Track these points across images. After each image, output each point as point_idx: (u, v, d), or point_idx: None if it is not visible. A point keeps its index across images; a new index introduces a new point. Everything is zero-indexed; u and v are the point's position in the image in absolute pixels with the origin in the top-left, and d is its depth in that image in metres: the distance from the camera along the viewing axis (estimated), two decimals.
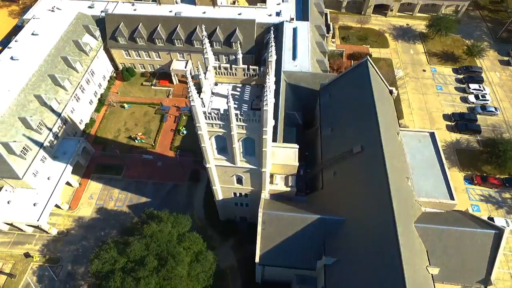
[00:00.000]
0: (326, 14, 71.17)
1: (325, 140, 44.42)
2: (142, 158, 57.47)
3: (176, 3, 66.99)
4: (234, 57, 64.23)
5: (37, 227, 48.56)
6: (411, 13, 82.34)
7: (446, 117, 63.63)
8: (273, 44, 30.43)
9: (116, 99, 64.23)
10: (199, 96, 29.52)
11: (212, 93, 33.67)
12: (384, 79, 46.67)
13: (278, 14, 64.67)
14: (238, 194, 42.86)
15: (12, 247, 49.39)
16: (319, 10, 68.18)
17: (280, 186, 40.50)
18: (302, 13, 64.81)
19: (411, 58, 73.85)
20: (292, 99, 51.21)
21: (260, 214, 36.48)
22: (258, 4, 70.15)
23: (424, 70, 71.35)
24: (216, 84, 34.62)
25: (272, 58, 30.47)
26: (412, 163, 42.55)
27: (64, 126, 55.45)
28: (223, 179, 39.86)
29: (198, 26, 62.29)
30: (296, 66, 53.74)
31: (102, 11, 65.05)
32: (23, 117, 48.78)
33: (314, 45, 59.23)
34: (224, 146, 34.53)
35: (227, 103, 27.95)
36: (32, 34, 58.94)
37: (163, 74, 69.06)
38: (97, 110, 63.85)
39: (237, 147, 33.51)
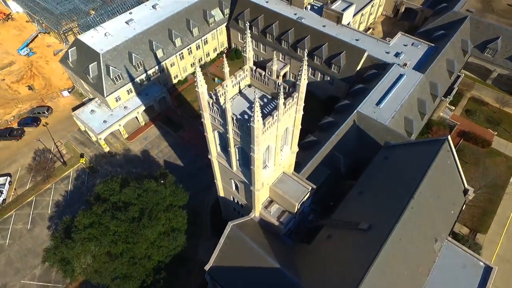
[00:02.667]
0: (458, 77, 59.86)
1: (348, 200, 38.51)
2: (200, 128, 61.48)
3: (306, 8, 67.22)
4: (330, 78, 61.14)
5: (97, 139, 58.08)
6: None
7: None
8: (304, 72, 27.64)
9: (212, 71, 69.88)
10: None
11: (240, 92, 33.16)
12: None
13: (397, 54, 57.82)
14: (235, 200, 41.66)
15: (78, 145, 60.73)
16: (448, 69, 57.85)
17: (270, 216, 37.41)
18: (424, 64, 56.18)
19: None
20: (347, 141, 45.87)
21: (228, 227, 34.75)
22: (387, 38, 64.15)
23: None
24: (249, 86, 33.87)
25: (302, 82, 27.86)
26: (433, 283, 32.92)
27: (159, 74, 63.71)
28: (224, 178, 39.30)
29: (309, 36, 61.38)
30: (375, 113, 47.53)
31: None
32: (130, 52, 58.32)
33: (413, 101, 50.96)
34: (225, 145, 33.82)
35: (225, 103, 27.09)
36: None
37: (262, 68, 70.85)
38: (193, 73, 70.94)
39: (233, 152, 32.36)
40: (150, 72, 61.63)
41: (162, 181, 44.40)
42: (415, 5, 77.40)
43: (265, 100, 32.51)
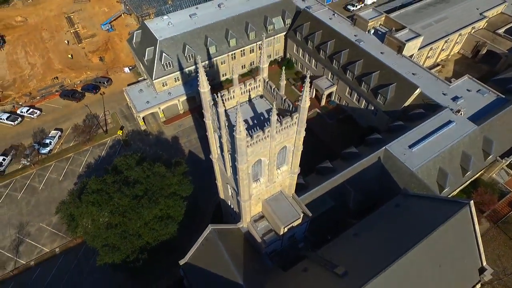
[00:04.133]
0: None
1: (341, 238, 35.74)
2: None
3: (368, 32, 64.11)
4: (374, 108, 57.34)
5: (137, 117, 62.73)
6: None
7: None
8: (307, 90, 26.43)
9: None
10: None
11: (250, 100, 33.00)
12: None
13: (455, 99, 51.93)
14: (231, 206, 41.50)
15: (122, 117, 66.30)
16: None
17: (256, 231, 36.46)
18: (483, 115, 49.49)
19: None
20: (365, 177, 42.60)
21: (208, 229, 34.78)
22: (452, 79, 58.08)
23: None
24: (261, 96, 33.49)
25: (303, 104, 26.71)
26: None
27: (208, 69, 66.43)
28: (222, 182, 39.43)
29: (362, 60, 58.42)
30: (405, 155, 43.35)
31: (306, 7, 70.07)
32: (185, 44, 61.84)
33: (456, 153, 45.24)
34: (222, 149, 33.88)
35: (218, 107, 27.17)
36: None
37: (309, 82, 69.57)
38: (242, 75, 72.36)
39: (226, 158, 32.30)
40: (199, 65, 64.40)
41: (171, 169, 46.05)
42: (499, 49, 68.59)
43: (271, 112, 31.75)
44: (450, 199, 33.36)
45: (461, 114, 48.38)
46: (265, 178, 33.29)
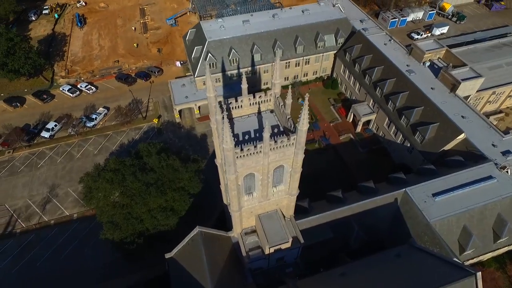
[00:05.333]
0: None
1: (327, 275, 33.56)
2: None
3: (423, 64, 59.64)
4: (410, 146, 53.00)
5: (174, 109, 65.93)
6: None
7: None
8: (306, 112, 25.40)
9: (301, 91, 69.61)
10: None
11: (259, 113, 32.75)
12: None
13: (506, 153, 45.79)
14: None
15: (162, 107, 70.22)
16: None
17: (243, 244, 35.92)
18: None
19: None
20: (376, 217, 39.56)
21: (196, 230, 35.16)
22: (511, 131, 51.51)
23: None
24: (271, 111, 33.01)
25: (300, 126, 25.78)
26: None
27: (250, 75, 67.30)
28: (224, 187, 39.55)
29: (408, 93, 54.50)
30: (425, 203, 39.30)
31: (362, 29, 67.57)
32: (231, 48, 63.58)
33: (489, 214, 39.80)
34: None
35: (216, 114, 27.38)
36: (304, 11, 70.71)
37: (348, 107, 66.83)
38: (283, 86, 71.88)
39: (221, 163, 32.37)
40: (242, 70, 65.84)
41: (186, 165, 47.37)
42: None
43: (275, 130, 31.20)
44: (456, 263, 29.30)
45: (507, 171, 42.50)
46: (258, 193, 32.70)
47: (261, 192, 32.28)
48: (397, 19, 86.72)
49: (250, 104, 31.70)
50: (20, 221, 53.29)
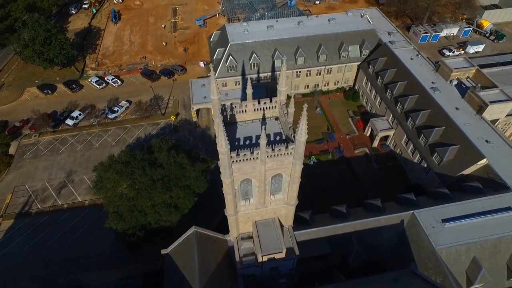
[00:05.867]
0: None
1: None
2: None
3: (450, 82, 56.88)
4: (427, 167, 50.63)
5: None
6: None
7: None
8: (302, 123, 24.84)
9: (321, 101, 68.64)
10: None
11: (264, 119, 32.56)
12: None
13: None
14: None
15: (181, 105, 71.71)
16: None
17: (238, 249, 35.69)
18: None
19: None
20: (379, 236, 38.03)
21: (192, 230, 35.40)
22: None
23: None
24: (276, 118, 32.72)
25: (298, 137, 25.28)
26: None
27: (269, 80, 67.32)
28: None
29: (429, 111, 52.20)
30: (433, 228, 37.26)
31: (389, 41, 65.68)
32: (253, 52, 63.87)
33: (503, 247, 37.09)
34: None
35: (215, 117, 27.45)
36: (330, 20, 69.82)
37: (367, 120, 64.93)
38: (303, 95, 71.18)
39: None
40: (262, 75, 65.94)
41: (194, 164, 47.90)
42: None
43: (278, 137, 30.86)
44: None
45: None
46: (255, 200, 32.42)
47: (258, 198, 31.97)
48: (429, 34, 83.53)
49: (254, 109, 31.60)
50: (36, 202, 56.04)
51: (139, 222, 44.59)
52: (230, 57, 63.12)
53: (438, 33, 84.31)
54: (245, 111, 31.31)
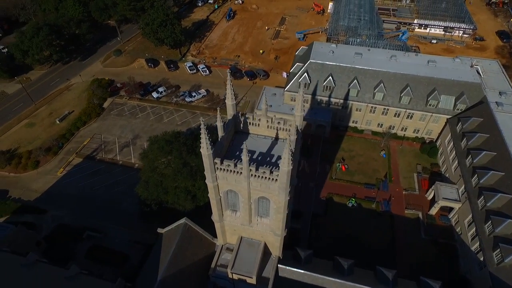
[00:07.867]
0: None
1: None
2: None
3: None
4: (483, 261, 40.76)
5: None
6: None
7: None
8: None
9: (389, 145, 61.91)
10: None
11: (277, 138, 31.23)
12: None
13: None
14: None
15: (250, 109, 73.72)
16: None
17: (218, 257, 35.16)
18: None
19: None
20: None
21: (182, 221, 36.38)
22: None
23: None
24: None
25: (283, 165, 23.52)
26: None
27: (340, 107, 63.74)
28: None
29: (496, 198, 41.80)
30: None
31: (496, 102, 54.66)
32: (330, 74, 61.51)
33: None
34: None
35: (217, 121, 27.51)
36: (429, 61, 62.14)
37: (434, 182, 55.35)
38: (373, 132, 65.04)
39: None
40: (333, 100, 62.96)
41: None
42: None
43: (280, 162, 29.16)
44: None
45: None
46: (242, 215, 31.39)
47: (244, 214, 30.87)
48: None
49: (268, 126, 30.55)
50: (103, 151, 65.53)
51: (159, 197, 47.89)
52: (306, 74, 62.03)
53: None
54: (258, 125, 30.54)
